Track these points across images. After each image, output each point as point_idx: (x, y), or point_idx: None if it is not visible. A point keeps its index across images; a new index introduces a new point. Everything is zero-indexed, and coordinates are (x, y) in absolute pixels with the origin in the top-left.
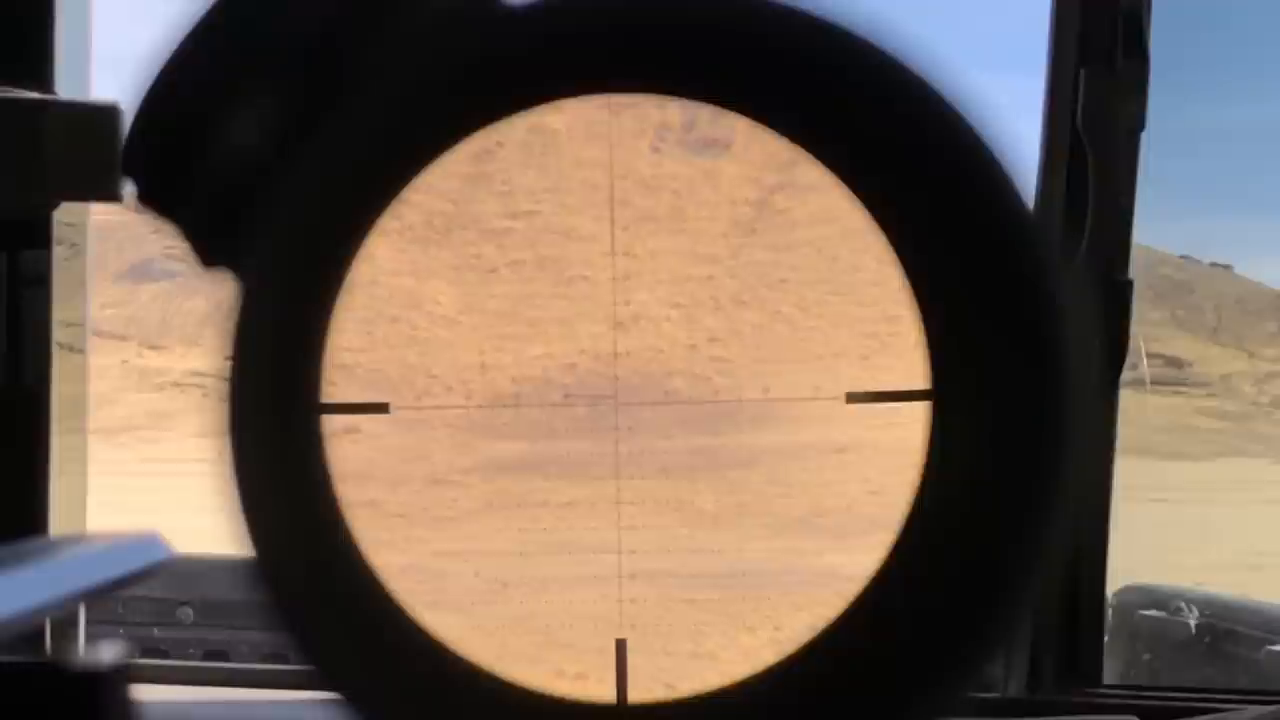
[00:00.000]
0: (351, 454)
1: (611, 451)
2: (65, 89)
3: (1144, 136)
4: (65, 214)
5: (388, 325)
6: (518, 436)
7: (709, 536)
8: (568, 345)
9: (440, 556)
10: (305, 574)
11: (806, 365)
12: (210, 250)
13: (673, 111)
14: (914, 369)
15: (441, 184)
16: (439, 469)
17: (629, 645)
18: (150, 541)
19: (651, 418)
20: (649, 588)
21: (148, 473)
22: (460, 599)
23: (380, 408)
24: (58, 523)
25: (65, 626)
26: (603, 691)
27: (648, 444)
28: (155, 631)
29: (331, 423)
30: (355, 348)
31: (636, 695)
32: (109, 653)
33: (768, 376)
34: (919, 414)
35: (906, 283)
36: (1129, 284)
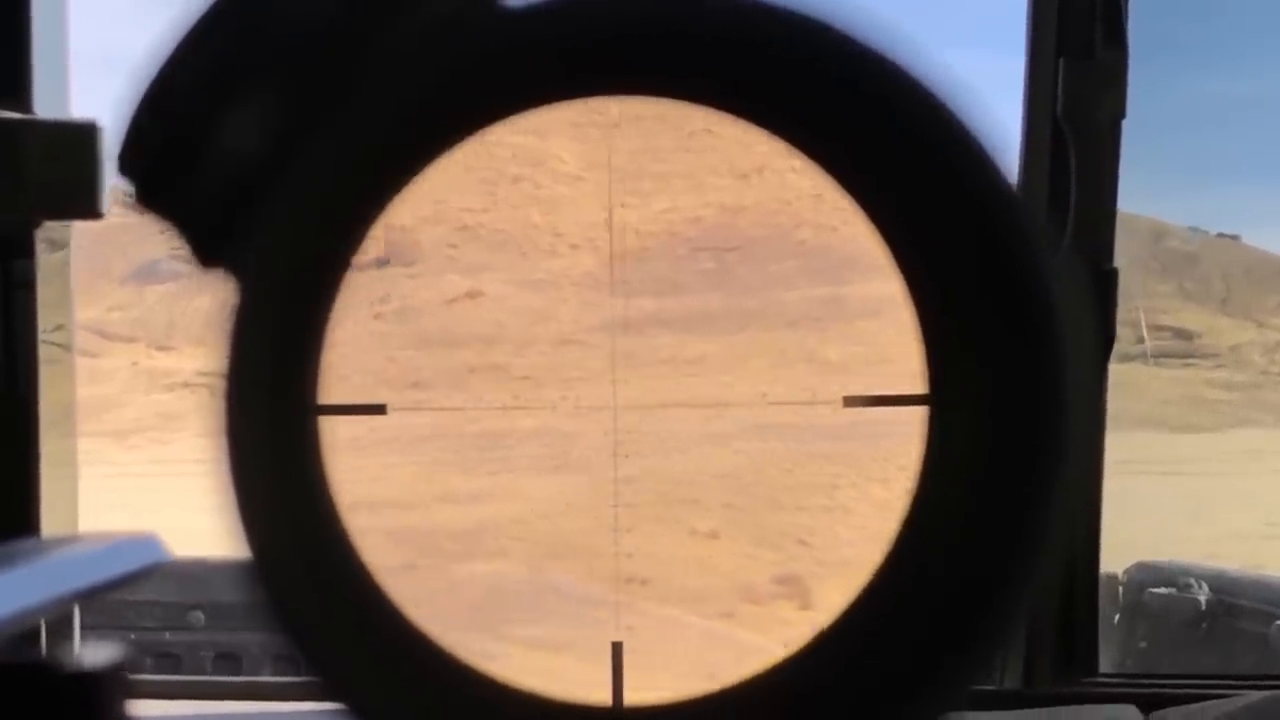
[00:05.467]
0: (475, 317)
1: (739, 305)
2: (42, 103)
3: (1151, 108)
4: None
5: (510, 185)
6: (645, 293)
7: (835, 387)
8: (693, 199)
9: (569, 417)
10: (302, 576)
11: None
12: (209, 250)
13: None
14: None
15: None
16: (566, 328)
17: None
18: (147, 543)
19: (778, 270)
20: (779, 441)
21: (159, 474)
22: (588, 459)
23: (377, 409)
24: (47, 524)
25: (62, 627)
26: (736, 546)
27: (775, 296)
28: (166, 635)
29: (456, 285)
30: (477, 208)
31: (766, 555)
32: (103, 653)
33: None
34: None
35: (904, 284)
36: (1114, 273)
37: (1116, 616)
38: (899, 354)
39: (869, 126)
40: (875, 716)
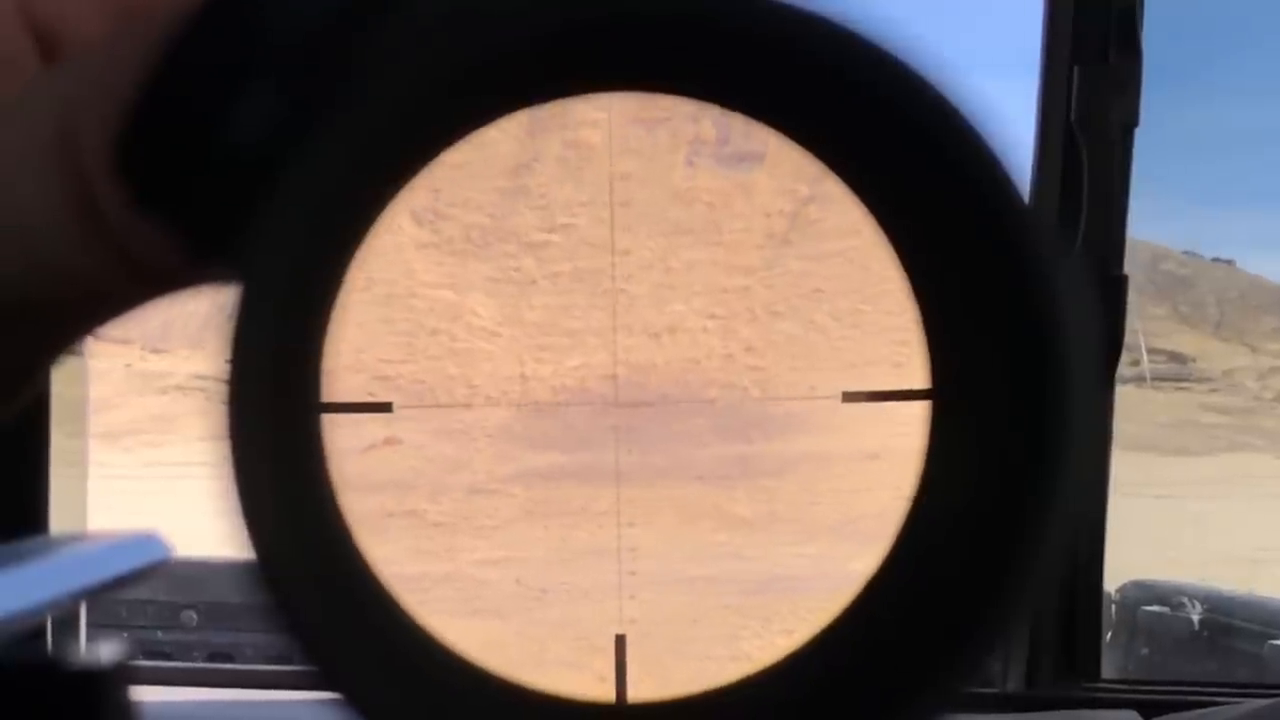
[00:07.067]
0: (393, 464)
1: (649, 460)
2: None
3: (1150, 135)
4: None
5: (428, 337)
6: (557, 446)
7: (744, 542)
8: (606, 356)
9: (481, 564)
10: (305, 574)
11: (841, 373)
12: (208, 250)
13: (706, 126)
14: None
15: (479, 198)
16: (480, 478)
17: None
18: (150, 541)
19: (688, 426)
20: (687, 593)
21: (152, 476)
22: (501, 605)
23: (383, 407)
24: (57, 523)
25: (66, 626)
26: (646, 695)
27: (685, 452)
28: (159, 634)
29: (373, 433)
30: (397, 359)
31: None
32: (109, 651)
33: (802, 385)
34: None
35: (906, 280)
36: (1124, 279)
37: (1109, 634)
38: (811, 513)
39: (872, 121)
40: (876, 712)
